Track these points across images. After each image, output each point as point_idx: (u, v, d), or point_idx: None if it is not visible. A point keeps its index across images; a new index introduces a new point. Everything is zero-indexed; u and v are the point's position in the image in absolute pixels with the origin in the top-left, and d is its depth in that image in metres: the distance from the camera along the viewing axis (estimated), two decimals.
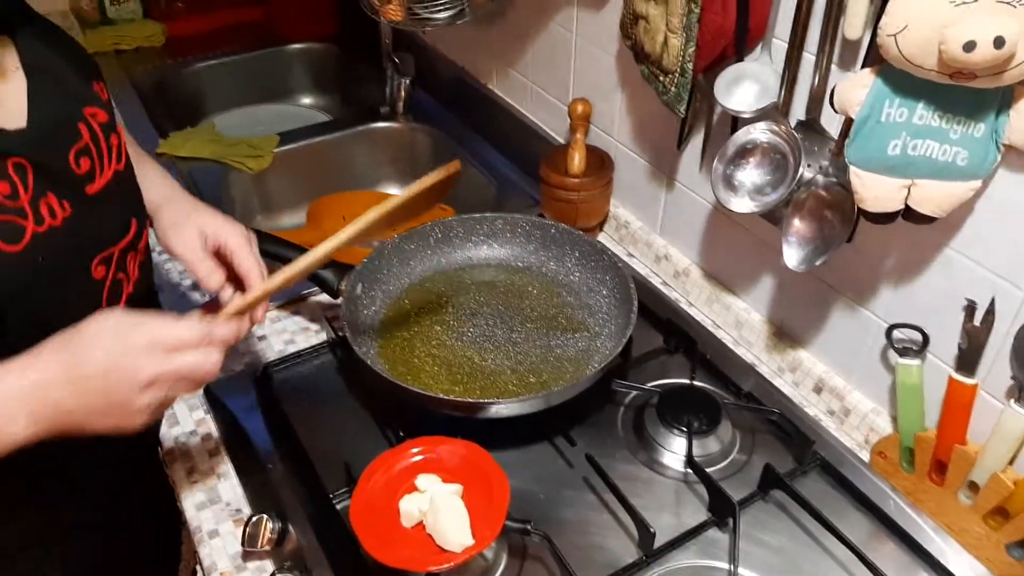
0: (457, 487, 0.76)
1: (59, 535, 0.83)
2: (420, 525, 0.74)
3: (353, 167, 1.57)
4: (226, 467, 0.88)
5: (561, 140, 1.31)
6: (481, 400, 0.85)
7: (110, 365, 0.62)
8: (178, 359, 0.65)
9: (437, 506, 0.73)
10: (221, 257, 0.83)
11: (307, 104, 1.91)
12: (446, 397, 0.83)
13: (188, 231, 0.83)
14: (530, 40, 1.30)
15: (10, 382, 0.61)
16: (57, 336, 0.63)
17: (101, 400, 0.63)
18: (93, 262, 0.73)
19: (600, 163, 1.18)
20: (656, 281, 1.16)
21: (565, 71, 1.24)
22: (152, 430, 0.93)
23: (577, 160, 1.16)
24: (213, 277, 0.81)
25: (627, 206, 1.22)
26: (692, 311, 1.10)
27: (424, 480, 0.77)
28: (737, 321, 1.05)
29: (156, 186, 0.88)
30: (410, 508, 0.74)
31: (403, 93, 1.55)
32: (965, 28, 0.61)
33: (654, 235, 1.17)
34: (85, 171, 0.71)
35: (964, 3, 0.61)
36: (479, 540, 0.71)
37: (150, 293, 0.89)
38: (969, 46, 0.60)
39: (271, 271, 1.09)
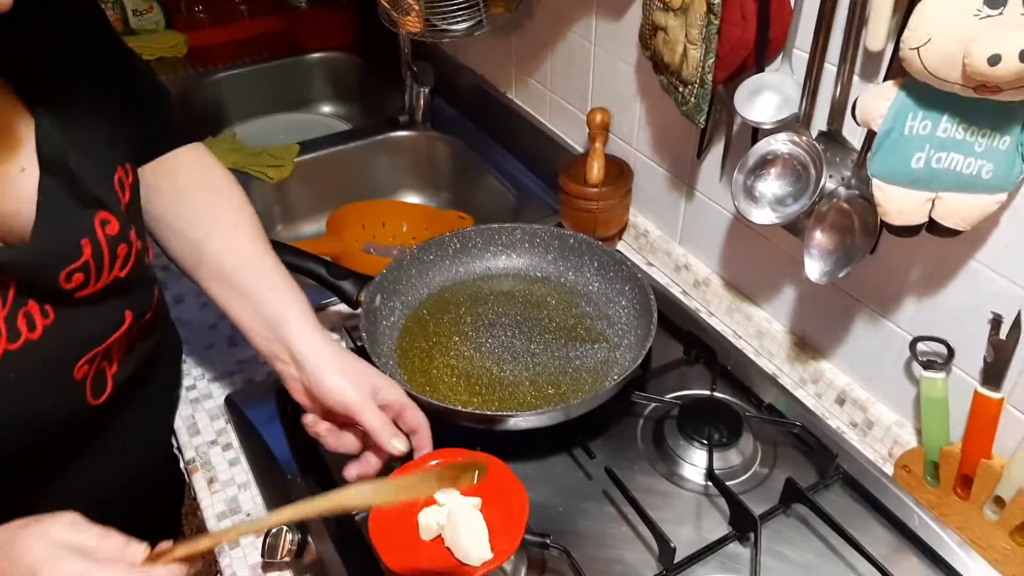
0: (476, 500, 0.75)
1: None
2: (439, 539, 0.74)
3: (373, 176, 1.58)
4: (247, 477, 0.88)
5: (580, 149, 1.31)
6: (500, 412, 0.85)
7: None
8: None
9: (456, 519, 0.73)
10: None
11: (327, 113, 1.92)
12: (464, 409, 0.83)
13: (361, 387, 0.75)
14: (549, 49, 1.30)
15: None
16: None
17: None
18: (76, 366, 0.68)
19: (619, 172, 1.17)
20: (676, 291, 1.15)
21: (584, 80, 1.24)
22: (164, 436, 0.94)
23: (596, 169, 1.15)
24: (393, 441, 0.74)
25: (646, 215, 1.22)
26: (712, 321, 1.09)
27: (443, 494, 0.76)
28: (758, 331, 1.04)
29: (308, 326, 0.77)
30: (429, 521, 0.74)
31: (422, 102, 1.55)
32: (989, 42, 0.60)
33: (674, 244, 1.17)
34: (76, 285, 0.65)
35: (988, 16, 0.60)
36: (498, 554, 0.70)
37: (148, 361, 0.82)
38: (994, 60, 0.60)
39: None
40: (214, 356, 1.04)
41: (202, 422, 0.95)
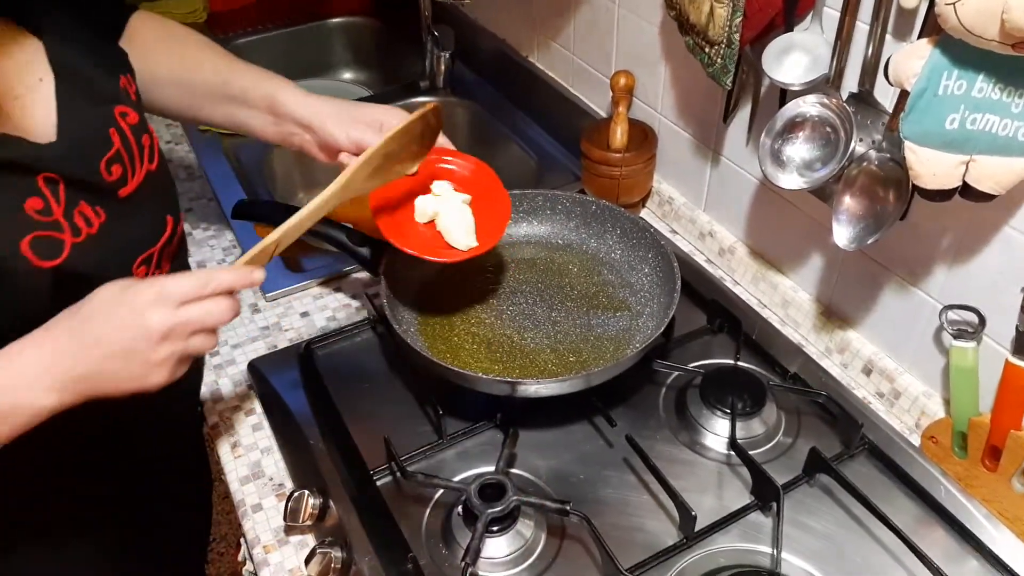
0: (466, 196, 0.89)
1: (95, 506, 0.86)
2: (432, 224, 0.88)
3: None
4: (269, 442, 0.89)
5: (603, 114, 1.28)
6: (520, 379, 0.84)
7: (120, 325, 0.62)
8: (186, 310, 0.64)
9: (448, 208, 0.85)
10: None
11: (347, 79, 1.91)
12: (485, 376, 0.82)
13: (371, 126, 0.87)
14: (571, 11, 1.28)
15: (29, 354, 0.62)
16: (66, 309, 0.63)
17: (118, 361, 0.63)
18: (135, 264, 0.75)
19: (643, 137, 1.15)
20: (700, 259, 1.13)
21: (607, 43, 1.21)
22: (190, 403, 0.96)
23: (619, 134, 1.13)
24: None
25: (670, 181, 1.20)
26: (737, 290, 1.08)
27: (439, 186, 0.89)
28: (784, 300, 1.02)
29: (302, 96, 0.89)
30: (425, 206, 0.87)
31: (443, 67, 1.53)
32: None
33: (698, 211, 1.15)
34: (117, 177, 0.72)
35: None
36: (481, 243, 0.86)
37: None
38: None
39: (309, 249, 1.10)
40: (237, 323, 1.04)
41: (225, 388, 0.96)
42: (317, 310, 1.06)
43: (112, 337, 0.62)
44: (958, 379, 0.81)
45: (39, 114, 0.67)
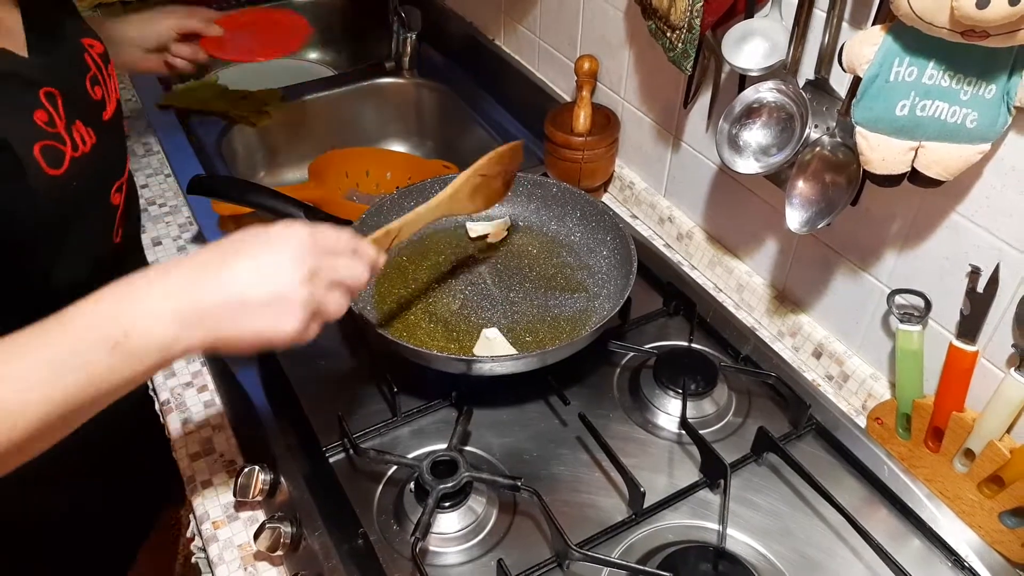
0: None
1: (69, 475, 0.85)
2: None
3: (358, 123, 1.55)
4: (221, 419, 0.88)
5: (568, 99, 1.29)
6: (475, 358, 0.84)
7: (268, 249, 0.58)
8: (334, 259, 0.61)
9: None
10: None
11: (313, 59, 1.88)
12: (440, 354, 0.82)
13: (128, 51, 1.05)
14: None
15: (153, 277, 0.56)
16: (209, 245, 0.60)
17: (264, 286, 0.57)
18: (112, 188, 0.78)
19: (606, 122, 1.16)
20: (659, 243, 1.14)
21: (573, 27, 1.21)
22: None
23: (583, 119, 1.14)
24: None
25: (632, 167, 1.20)
26: (694, 274, 1.09)
27: None
28: (739, 285, 1.04)
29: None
30: None
31: (409, 48, 1.52)
32: None
33: (659, 197, 1.16)
34: (100, 98, 0.76)
35: None
36: None
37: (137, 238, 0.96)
38: (982, 3, 0.58)
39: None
40: None
41: (177, 364, 0.94)
42: None
43: (254, 257, 0.57)
44: (903, 362, 0.83)
45: (15, 31, 0.69)
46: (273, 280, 0.57)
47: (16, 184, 0.64)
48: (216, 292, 0.56)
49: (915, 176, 0.72)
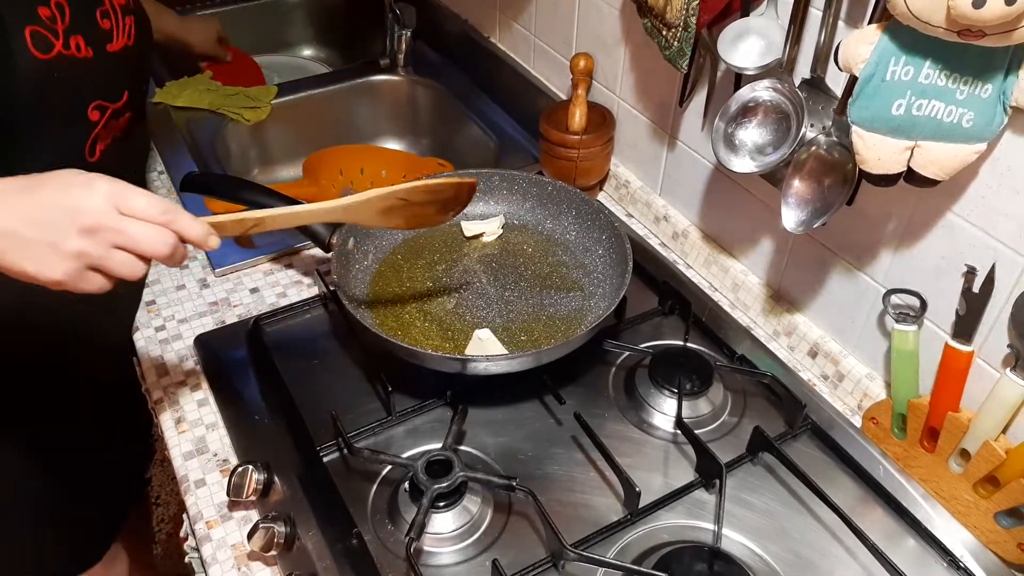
0: None
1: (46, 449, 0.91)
2: None
3: (352, 120, 1.54)
4: (215, 417, 0.88)
5: (564, 97, 1.28)
6: (471, 357, 0.84)
7: (62, 193, 0.59)
8: (128, 222, 0.60)
9: None
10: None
11: (307, 56, 1.88)
12: (435, 353, 0.82)
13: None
14: None
15: None
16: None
17: (32, 223, 0.58)
18: (91, 104, 0.79)
19: (601, 120, 1.15)
20: (655, 242, 1.14)
21: (568, 25, 1.21)
22: (122, 335, 0.98)
23: (578, 117, 1.13)
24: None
25: (628, 165, 1.20)
26: (690, 273, 1.09)
27: None
28: (735, 284, 1.03)
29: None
30: None
31: (404, 45, 1.51)
32: None
33: (654, 195, 1.15)
34: (107, 29, 0.79)
35: None
36: None
37: (128, 163, 0.98)
38: (978, 2, 0.58)
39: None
40: (184, 298, 1.02)
41: (171, 362, 0.94)
42: (267, 286, 1.04)
43: (41, 200, 0.58)
44: (899, 362, 0.83)
45: None
46: (48, 223, 0.58)
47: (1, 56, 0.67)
48: (4, 213, 0.58)
49: (911, 176, 0.71)
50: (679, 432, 0.84)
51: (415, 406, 0.87)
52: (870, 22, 0.73)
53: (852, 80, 0.72)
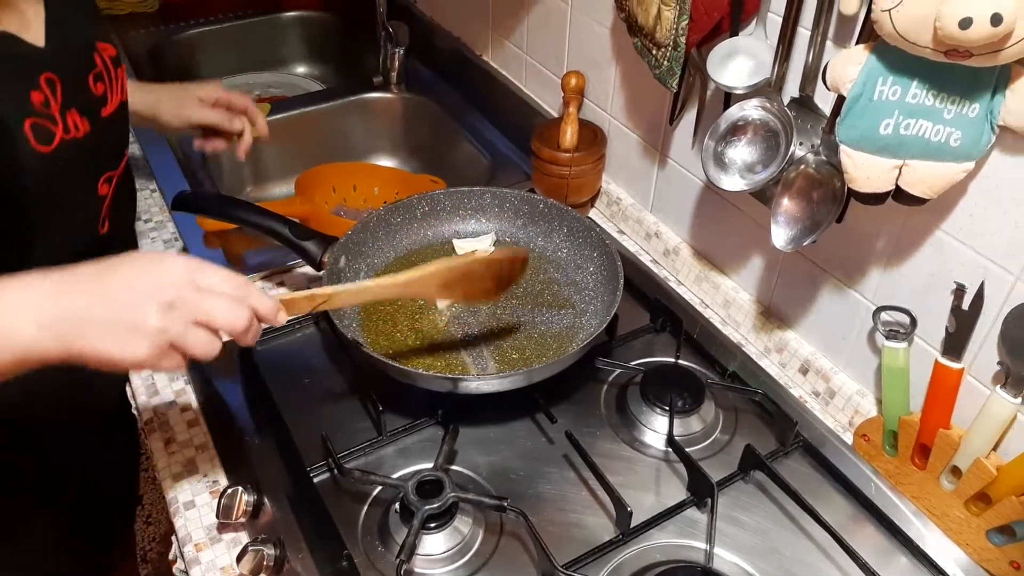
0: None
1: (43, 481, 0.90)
2: None
3: (346, 138, 1.55)
4: (204, 438, 0.87)
5: (556, 114, 1.29)
6: (462, 376, 0.84)
7: (137, 273, 0.60)
8: (206, 296, 0.60)
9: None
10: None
11: (301, 73, 1.89)
12: (426, 373, 0.82)
13: (191, 102, 1.06)
14: (525, 10, 1.28)
15: (30, 280, 0.58)
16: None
17: (114, 306, 0.58)
18: (100, 179, 0.80)
19: (593, 138, 1.16)
20: (646, 259, 1.14)
21: (559, 43, 1.22)
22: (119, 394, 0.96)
23: (569, 134, 1.14)
24: (235, 121, 1.08)
25: (619, 182, 1.20)
26: (681, 290, 1.09)
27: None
28: (726, 301, 1.04)
29: (140, 91, 1.03)
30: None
31: (397, 63, 1.52)
32: (961, 4, 0.59)
33: (645, 212, 1.16)
34: (100, 93, 0.79)
35: None
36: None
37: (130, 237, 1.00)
38: (965, 23, 0.59)
39: (252, 242, 1.08)
40: None
41: (161, 383, 0.93)
42: None
43: (121, 282, 0.59)
44: (889, 379, 0.83)
45: (34, 25, 0.73)
46: (128, 303, 0.58)
47: (4, 156, 0.66)
48: (73, 304, 0.58)
49: (899, 194, 0.72)
50: (671, 450, 0.84)
51: (406, 425, 0.86)
52: (857, 42, 0.73)
53: (840, 100, 0.72)
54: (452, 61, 1.53)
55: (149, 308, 0.58)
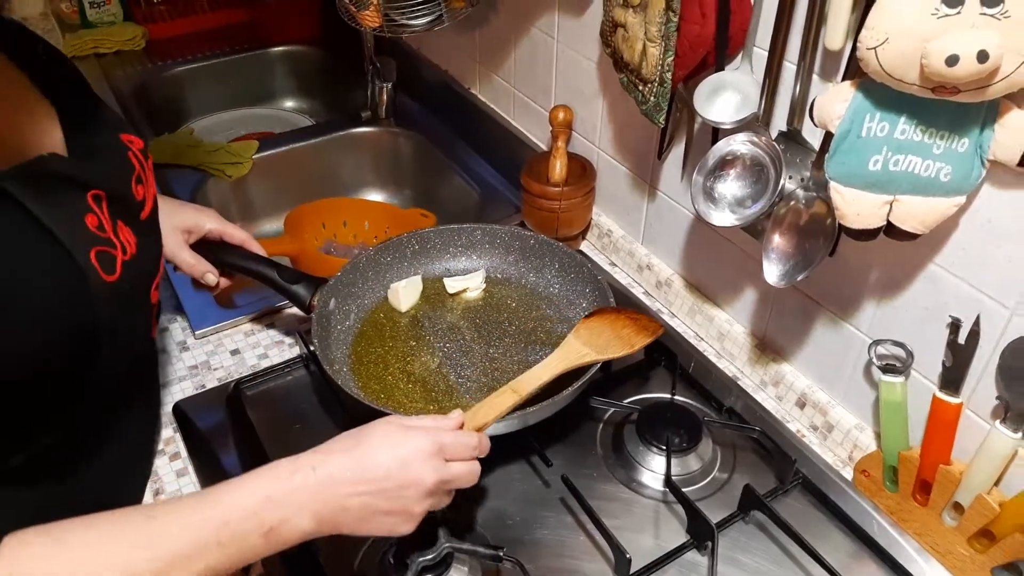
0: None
1: None
2: None
3: (334, 174, 1.54)
4: (194, 488, 0.85)
5: (544, 147, 1.29)
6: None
7: (397, 469, 0.63)
8: (455, 468, 0.66)
9: None
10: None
11: (289, 108, 1.89)
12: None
13: (169, 234, 0.90)
14: (512, 45, 1.28)
15: (304, 475, 0.61)
16: (343, 436, 0.66)
17: (385, 504, 0.63)
18: (152, 287, 0.75)
19: (582, 171, 1.16)
20: (638, 291, 1.13)
21: (547, 77, 1.22)
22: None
23: (558, 168, 1.13)
24: (207, 275, 0.95)
25: (609, 214, 1.20)
26: (674, 322, 1.08)
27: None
28: (720, 333, 1.03)
29: None
30: None
31: (385, 97, 1.52)
32: (947, 42, 0.58)
33: (636, 244, 1.15)
34: (141, 198, 0.73)
35: (946, 15, 0.59)
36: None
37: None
38: (951, 60, 0.58)
39: (239, 283, 1.06)
40: (164, 361, 1.00)
41: None
42: (248, 347, 1.03)
43: (386, 481, 0.63)
44: (887, 413, 0.82)
45: (51, 130, 0.67)
46: (404, 495, 0.63)
47: (78, 293, 0.61)
48: (353, 498, 0.62)
49: (891, 230, 0.71)
50: (669, 491, 0.82)
51: None
52: (844, 79, 0.73)
53: (828, 136, 0.72)
54: (440, 95, 1.53)
55: (419, 498, 0.64)
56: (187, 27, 1.91)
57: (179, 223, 0.94)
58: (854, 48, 0.71)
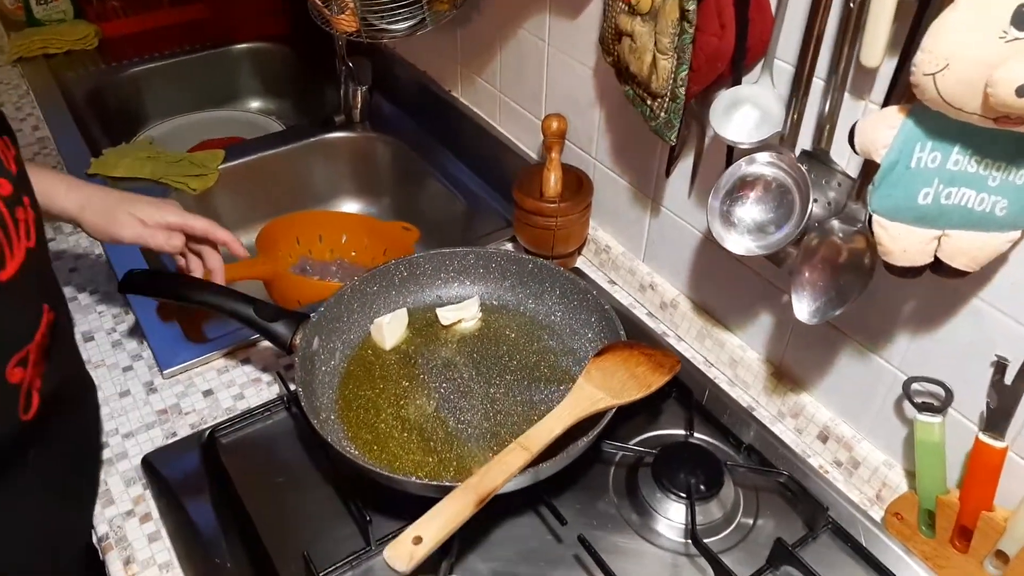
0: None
1: None
2: None
3: (307, 182, 1.45)
4: (168, 555, 0.77)
5: (534, 155, 1.21)
6: (456, 483, 0.74)
7: None
8: None
9: None
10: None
11: (256, 109, 1.78)
12: (419, 480, 0.73)
13: (124, 218, 0.87)
14: (497, 47, 1.20)
15: None
16: None
17: None
18: (9, 366, 0.62)
19: (578, 184, 1.08)
20: (641, 312, 1.07)
21: (537, 82, 1.14)
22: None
23: (553, 182, 1.06)
24: (173, 240, 0.89)
25: (607, 229, 1.13)
26: (681, 346, 1.01)
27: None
28: (732, 360, 0.96)
29: (71, 190, 0.86)
30: None
31: (359, 100, 1.43)
32: (1017, 69, 0.52)
33: (637, 262, 1.08)
34: None
35: (1016, 39, 0.52)
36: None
37: (72, 379, 0.80)
38: (1022, 90, 0.52)
39: (212, 314, 0.96)
40: (129, 406, 0.91)
41: (116, 488, 0.83)
42: (222, 387, 0.94)
43: None
44: (924, 454, 0.76)
45: None
46: None
47: None
48: None
49: (938, 267, 0.65)
50: (690, 542, 0.76)
51: (397, 531, 0.77)
52: (887, 101, 0.66)
53: (868, 163, 0.65)
54: (419, 96, 1.44)
55: None
56: (143, 24, 1.79)
57: (136, 214, 0.89)
58: (898, 68, 0.64)
